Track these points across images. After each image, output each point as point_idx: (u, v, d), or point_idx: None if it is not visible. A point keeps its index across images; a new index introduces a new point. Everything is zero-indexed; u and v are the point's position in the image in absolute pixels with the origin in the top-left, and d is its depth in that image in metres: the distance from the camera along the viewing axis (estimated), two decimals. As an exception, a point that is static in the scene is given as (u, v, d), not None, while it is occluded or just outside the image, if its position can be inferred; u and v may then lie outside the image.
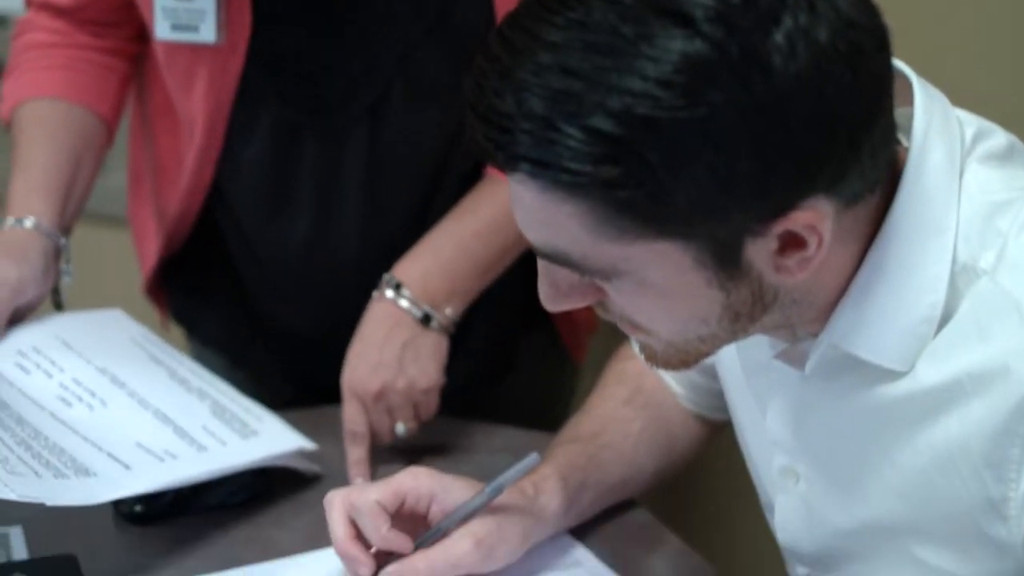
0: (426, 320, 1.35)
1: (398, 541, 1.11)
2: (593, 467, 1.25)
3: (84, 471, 1.17)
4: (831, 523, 1.05)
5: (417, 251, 1.38)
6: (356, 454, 1.34)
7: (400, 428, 1.36)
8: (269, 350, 1.57)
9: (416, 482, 1.13)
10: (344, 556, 1.11)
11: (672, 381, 1.30)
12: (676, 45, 0.83)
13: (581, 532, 1.25)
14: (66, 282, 1.40)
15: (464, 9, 1.36)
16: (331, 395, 1.38)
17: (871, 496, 1.01)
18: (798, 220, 0.88)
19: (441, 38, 1.37)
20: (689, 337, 0.95)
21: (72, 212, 1.42)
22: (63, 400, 1.26)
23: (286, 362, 1.57)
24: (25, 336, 1.32)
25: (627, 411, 1.30)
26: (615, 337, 1.89)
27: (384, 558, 1.11)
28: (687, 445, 1.32)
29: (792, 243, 0.90)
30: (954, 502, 0.96)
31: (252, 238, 1.51)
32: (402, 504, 1.13)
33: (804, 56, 0.84)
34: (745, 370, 1.11)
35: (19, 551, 1.21)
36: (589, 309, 1.59)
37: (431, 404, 1.37)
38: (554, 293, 0.97)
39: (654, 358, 1.00)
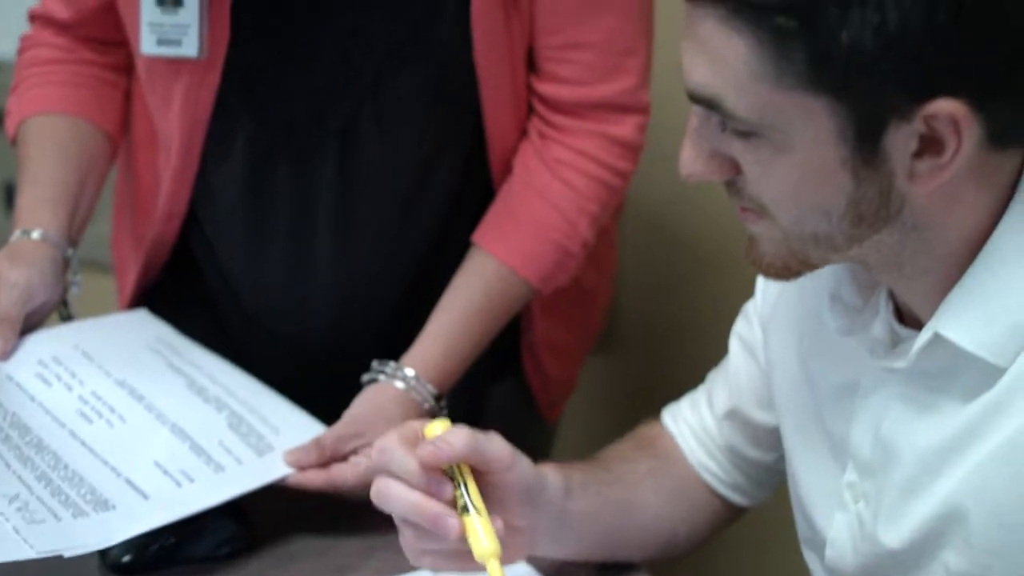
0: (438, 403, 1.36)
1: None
2: (598, 471, 1.21)
3: (103, 504, 1.19)
4: (879, 541, 1.05)
5: (424, 340, 1.37)
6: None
7: None
8: None
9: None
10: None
11: (699, 450, 1.26)
12: None
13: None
14: (74, 292, 1.39)
15: (440, 31, 1.34)
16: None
17: (935, 494, 1.00)
18: (944, 109, 0.89)
19: (416, 61, 1.36)
20: (806, 232, 0.97)
21: (79, 224, 1.42)
22: (83, 415, 1.28)
23: None
24: (45, 345, 1.32)
25: (634, 454, 1.26)
26: (593, 408, 1.83)
27: None
28: (703, 514, 1.27)
29: (931, 147, 0.91)
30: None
31: (227, 268, 1.48)
32: None
33: None
34: (821, 397, 1.11)
35: (4, 599, 1.13)
36: (563, 363, 1.56)
37: None
38: (694, 156, 0.99)
39: (760, 260, 1.01)
